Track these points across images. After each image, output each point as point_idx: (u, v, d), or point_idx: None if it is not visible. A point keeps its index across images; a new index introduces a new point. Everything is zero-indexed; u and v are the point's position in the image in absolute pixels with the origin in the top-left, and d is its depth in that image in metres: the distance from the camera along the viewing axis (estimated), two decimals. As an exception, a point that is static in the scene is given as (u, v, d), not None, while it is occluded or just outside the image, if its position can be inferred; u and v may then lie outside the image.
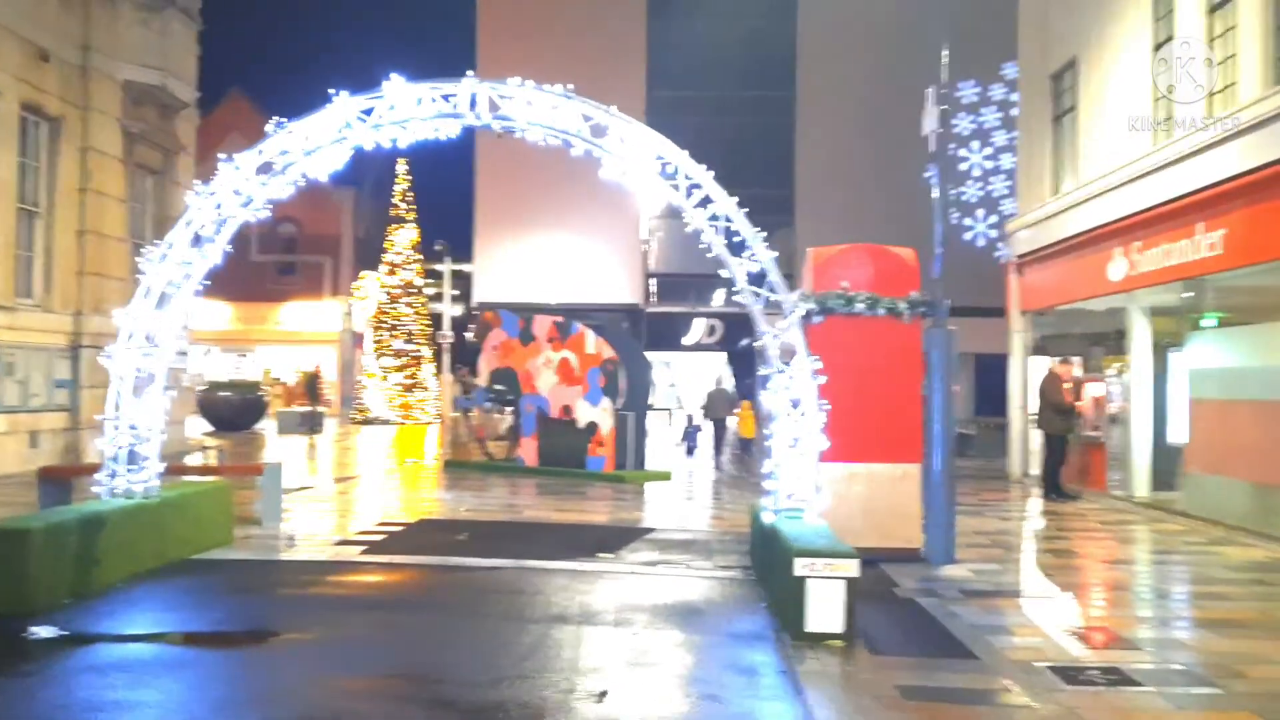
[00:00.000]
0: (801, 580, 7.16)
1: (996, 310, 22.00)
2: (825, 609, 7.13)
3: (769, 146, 43.61)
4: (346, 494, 15.34)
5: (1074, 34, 17.22)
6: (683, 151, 8.95)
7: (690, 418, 21.38)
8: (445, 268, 40.52)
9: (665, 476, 18.08)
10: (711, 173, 8.99)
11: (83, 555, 7.94)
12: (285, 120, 9.11)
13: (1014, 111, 27.13)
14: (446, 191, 46.23)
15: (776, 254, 8.98)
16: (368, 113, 9.03)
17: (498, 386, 19.48)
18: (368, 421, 34.89)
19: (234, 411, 31.40)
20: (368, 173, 45.87)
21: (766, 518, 8.83)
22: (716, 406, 22.68)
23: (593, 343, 18.04)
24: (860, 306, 10.47)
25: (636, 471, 17.92)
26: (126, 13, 19.11)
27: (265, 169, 9.15)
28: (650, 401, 18.97)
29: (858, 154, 39.79)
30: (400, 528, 11.71)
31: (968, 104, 29.98)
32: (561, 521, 12.68)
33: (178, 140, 21.39)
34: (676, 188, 8.94)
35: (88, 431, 18.42)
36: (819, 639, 7.05)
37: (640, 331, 36.94)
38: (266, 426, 31.88)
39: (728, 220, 8.94)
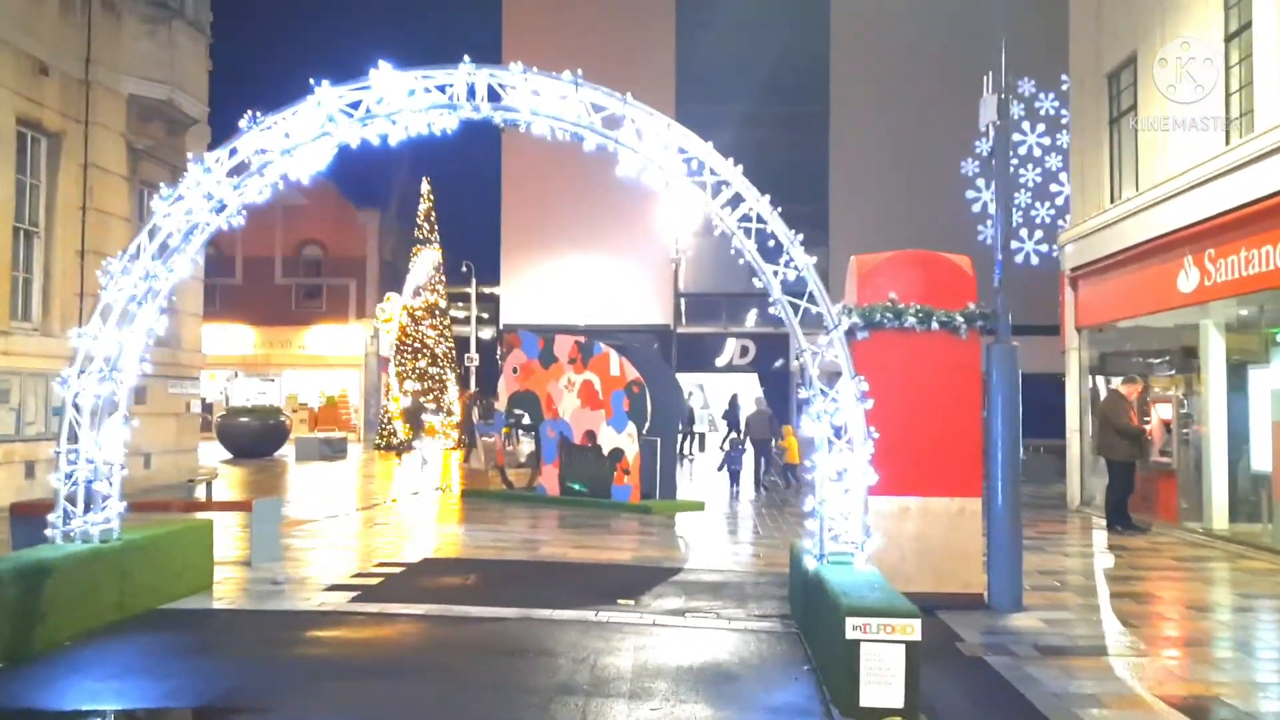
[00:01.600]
0: (854, 644, 5.99)
1: (1044, 328, 20.71)
2: (882, 679, 5.95)
3: (801, 162, 42.47)
4: (352, 528, 14.29)
5: (1133, 28, 15.99)
6: (708, 144, 7.85)
7: (732, 441, 20.08)
8: (471, 289, 39.76)
9: (697, 507, 16.90)
10: (740, 166, 7.87)
11: (21, 611, 6.91)
12: (260, 114, 8.09)
13: (1047, 117, 25.97)
14: (471, 212, 45.61)
15: (815, 259, 7.83)
16: (354, 106, 8.01)
17: (517, 411, 18.42)
18: (391, 447, 33.93)
19: (254, 438, 30.53)
20: (393, 194, 45.31)
21: (809, 563, 7.66)
22: (758, 428, 21.58)
23: (617, 364, 16.94)
24: (911, 320, 9.31)
25: (665, 501, 16.76)
26: (131, 24, 18.38)
27: (240, 170, 8.14)
28: (680, 426, 17.78)
29: (894, 168, 38.59)
30: (400, 569, 10.62)
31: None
32: (580, 560, 11.54)
33: (187, 158, 20.55)
34: (702, 186, 7.83)
35: (88, 461, 17.53)
36: (877, 716, 5.86)
37: (671, 352, 35.83)
38: (288, 453, 31.00)
39: (760, 222, 7.82)
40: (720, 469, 19.52)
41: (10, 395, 16.21)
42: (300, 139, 8.00)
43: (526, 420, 18.51)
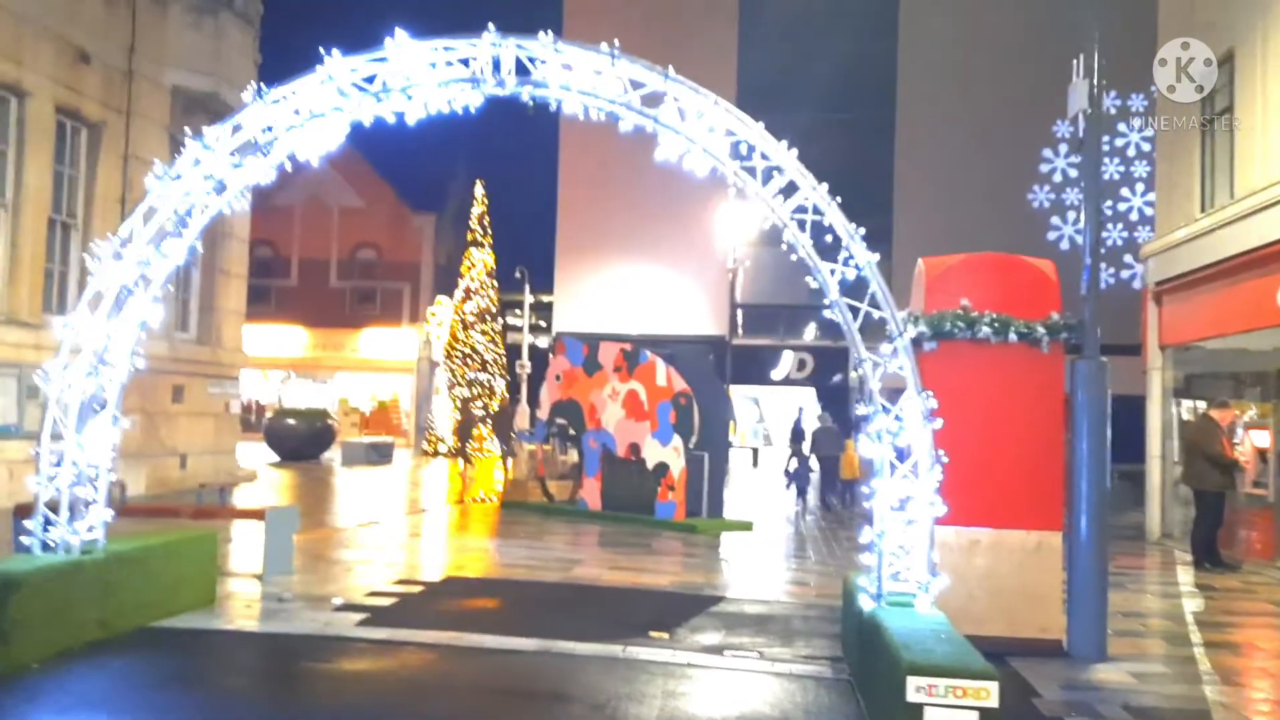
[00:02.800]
0: (917, 709, 5.04)
1: (1119, 347, 19.41)
2: (951, 752, 4.99)
3: (865, 173, 41.17)
4: (379, 539, 13.57)
5: (1229, 23, 14.77)
6: (758, 124, 6.96)
7: (795, 456, 19.21)
8: (525, 295, 39.18)
9: (745, 527, 15.93)
10: (795, 151, 6.97)
11: (-18, 629, 6.22)
12: (265, 87, 7.37)
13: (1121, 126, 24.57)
14: (526, 217, 44.92)
15: (878, 256, 6.89)
16: (369, 80, 7.26)
17: (560, 420, 17.62)
18: (438, 453, 33.42)
19: (300, 441, 30.15)
20: (449, 197, 44.94)
21: (864, 603, 6.70)
22: (825, 445, 20.71)
23: (663, 374, 16.06)
24: (986, 331, 8.32)
25: (712, 520, 15.82)
26: (175, 15, 17.99)
27: (245, 148, 7.43)
28: (730, 440, 16.85)
29: (962, 178, 37.24)
30: (419, 588, 9.84)
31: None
32: (613, 584, 10.66)
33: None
34: (752, 171, 6.94)
35: (122, 461, 17.07)
36: (941, 796, 4.91)
37: (725, 365, 34.87)
38: (335, 457, 30.58)
39: (816, 213, 6.90)
40: (788, 486, 18.65)
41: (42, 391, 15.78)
42: (308, 115, 7.26)
43: (572, 430, 17.72)
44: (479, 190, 35.65)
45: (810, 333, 43.58)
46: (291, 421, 30.99)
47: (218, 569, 9.08)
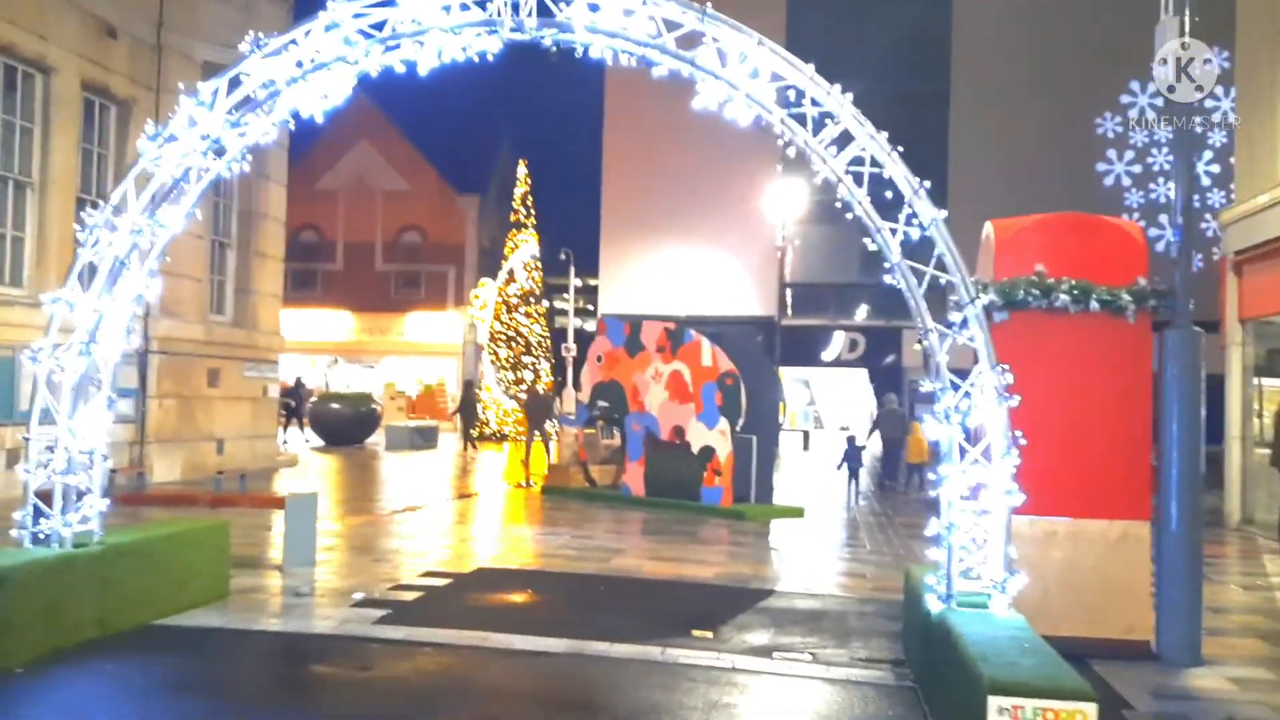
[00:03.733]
0: (999, 734, 4.29)
1: (1196, 324, 18.29)
2: (1040, 787, 4.24)
3: (920, 143, 39.75)
4: (412, 527, 13.02)
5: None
6: (809, 66, 6.19)
7: (852, 439, 18.99)
8: (570, 277, 38.59)
9: (796, 513, 15.16)
10: (850, 95, 6.19)
11: (-41, 630, 5.69)
12: (263, 38, 6.74)
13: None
14: (571, 198, 44.31)
15: (945, 213, 6.10)
16: (377, 27, 6.60)
17: (601, 403, 16.95)
18: (483, 437, 32.96)
19: (345, 425, 29.84)
20: (493, 179, 44.44)
21: (932, 603, 5.95)
22: (887, 426, 20.17)
23: (709, 354, 15.32)
24: (1064, 299, 7.48)
25: (760, 506, 15.09)
26: (205, -12, 17.51)
27: (244, 105, 6.81)
28: (780, 422, 16.08)
29: (1019, 147, 35.86)
30: (447, 580, 9.23)
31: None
32: (655, 576, 9.98)
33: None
34: (801, 120, 6.18)
35: (156, 445, 16.79)
36: (1029, 839, 4.17)
37: (774, 346, 34.00)
38: (379, 441, 30.25)
39: (874, 165, 6.12)
40: (839, 467, 18.31)
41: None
42: (312, 66, 6.61)
43: (615, 414, 17.05)
44: (522, 170, 35.03)
45: (862, 313, 42.48)
46: (336, 406, 30.68)
47: (231, 561, 8.56)
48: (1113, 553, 7.51)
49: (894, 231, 6.05)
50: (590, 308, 47.93)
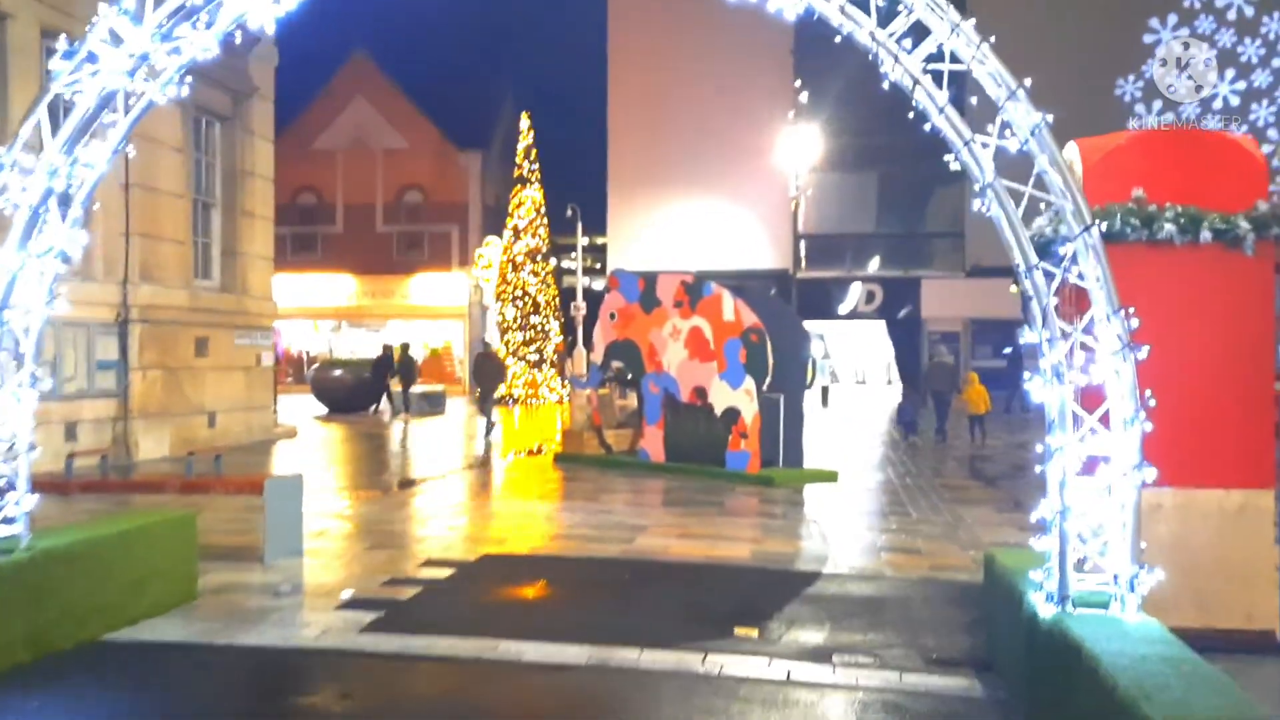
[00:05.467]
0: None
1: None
2: None
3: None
4: (412, 505, 11.95)
5: None
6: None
7: (906, 393, 18.66)
8: (578, 235, 37.27)
9: (829, 477, 14.04)
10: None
11: None
12: (197, -73, 5.50)
13: None
14: (576, 152, 42.87)
15: (1050, 115, 4.87)
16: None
17: (616, 364, 15.81)
18: (499, 402, 31.89)
19: (347, 392, 28.79)
20: (495, 134, 42.97)
21: (1040, 605, 4.80)
22: (938, 380, 19.83)
23: (730, 308, 14.12)
24: (1169, 229, 6.28)
25: (790, 471, 13.96)
26: (174, -75, 16.13)
27: (178, 15, 5.59)
28: (810, 381, 14.92)
29: (1041, 79, 34.32)
30: (450, 571, 8.13)
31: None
32: (684, 558, 8.87)
33: (249, 81, 18.44)
34: (864, 6, 4.94)
35: (140, 421, 15.70)
36: None
37: (790, 299, 32.77)
38: (385, 408, 29.19)
39: (954, 61, 4.90)
40: (896, 424, 18.78)
41: (45, 348, 14.34)
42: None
43: (630, 374, 15.91)
44: (525, 123, 33.58)
45: (878, 263, 41.14)
46: (338, 372, 29.62)
47: (205, 554, 7.48)
48: (1229, 527, 6.38)
49: (985, 145, 4.82)
50: (599, 266, 46.64)
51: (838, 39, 5.14)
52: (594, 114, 42.84)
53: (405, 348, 29.37)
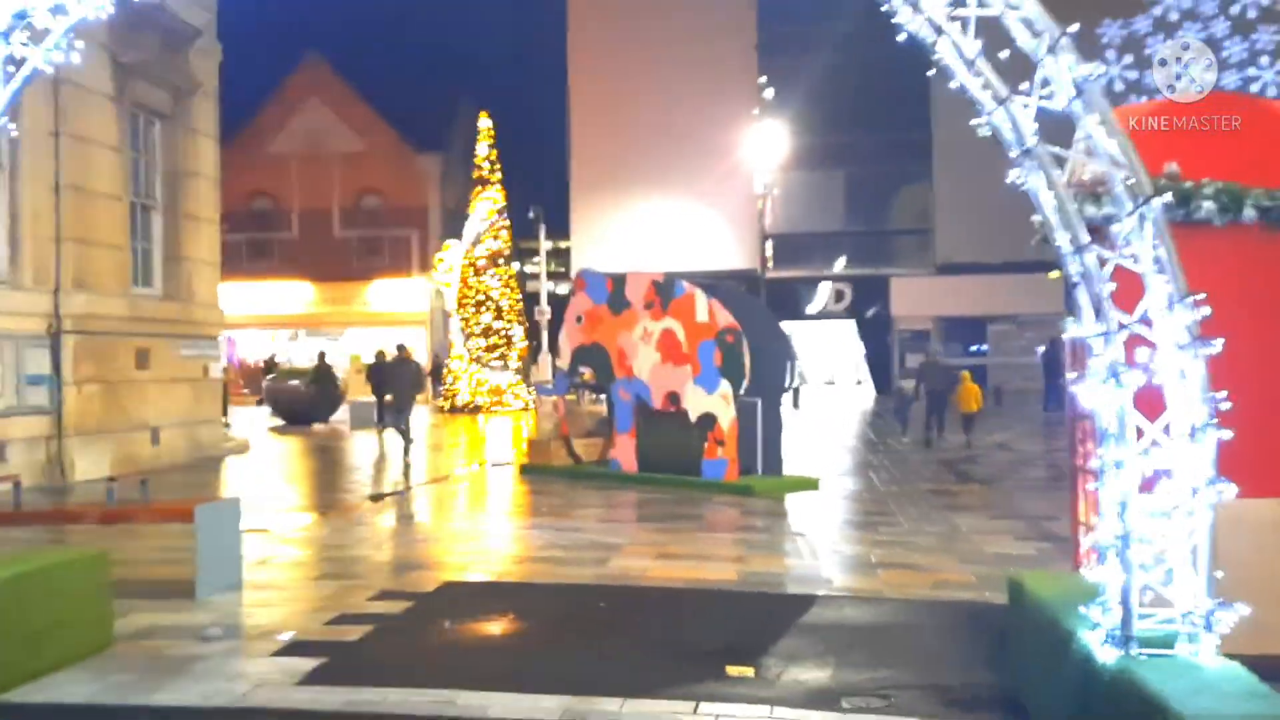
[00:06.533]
0: None
1: None
2: None
3: (901, 81, 37.85)
4: (368, 525, 11.09)
5: None
6: None
7: (900, 390, 18.47)
8: (540, 238, 36.34)
9: (810, 485, 13.32)
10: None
11: None
12: None
13: None
14: (537, 154, 41.94)
15: (1102, 68, 4.15)
16: None
17: (583, 369, 15.01)
18: (456, 409, 30.96)
19: (305, 403, 27.70)
20: (455, 136, 41.99)
21: (1097, 646, 4.05)
22: (933, 379, 19.63)
23: (704, 308, 13.36)
24: (1208, 207, 5.61)
25: (770, 479, 13.23)
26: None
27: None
28: (788, 384, 14.20)
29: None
30: (406, 604, 7.28)
31: None
32: (665, 582, 8.07)
33: (192, 77, 17.43)
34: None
35: (76, 439, 14.67)
36: None
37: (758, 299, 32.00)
38: (344, 418, 28.12)
39: (982, 5, 4.15)
40: (894, 418, 19.27)
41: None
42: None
43: (599, 380, 15.10)
44: (484, 123, 32.64)
45: (844, 262, 40.66)
46: (294, 382, 28.52)
47: (131, 591, 6.59)
48: (1281, 542, 5.69)
49: (1025, 106, 4.07)
50: (563, 270, 45.77)
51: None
52: (554, 113, 42.04)
53: (322, 356, 28.79)
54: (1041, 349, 32.86)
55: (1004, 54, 4.22)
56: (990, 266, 37.20)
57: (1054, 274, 4.35)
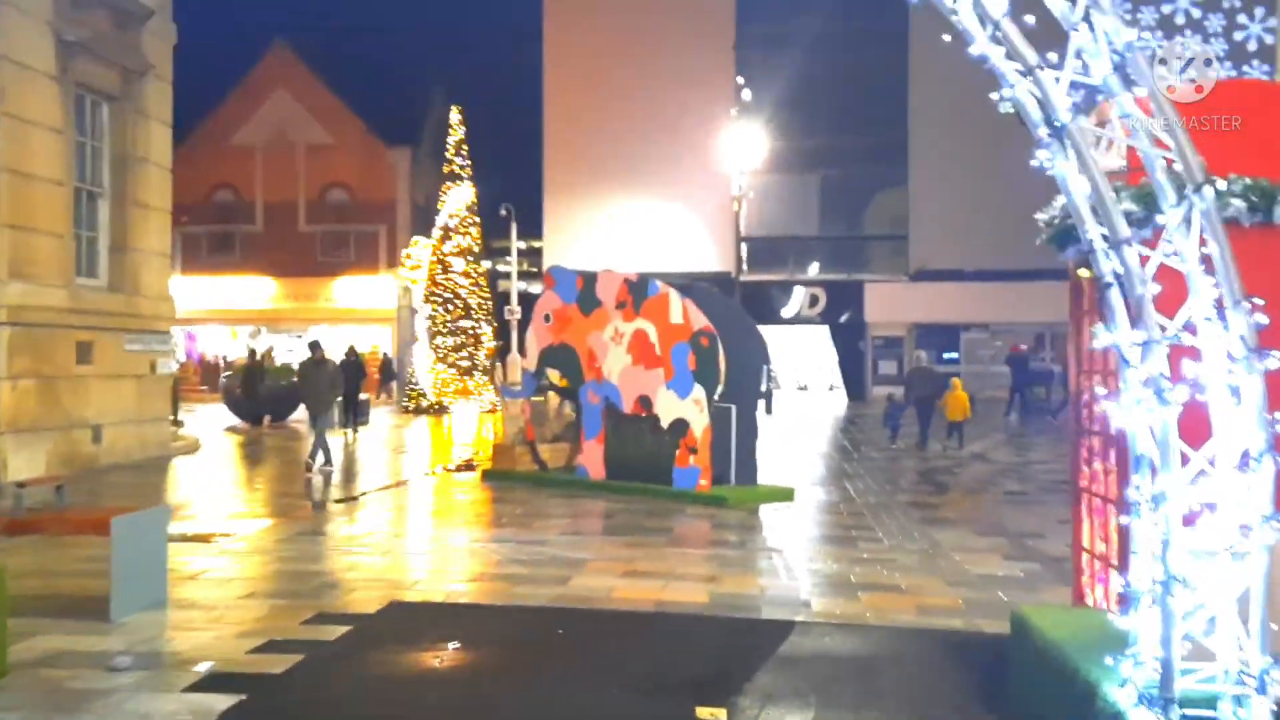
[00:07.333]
0: None
1: None
2: None
3: (879, 85, 37.57)
4: (316, 535, 10.39)
5: None
6: None
7: (891, 397, 19.57)
8: (512, 236, 35.61)
9: (785, 496, 12.74)
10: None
11: None
12: None
13: None
14: (510, 150, 41.13)
15: (1134, 33, 3.57)
16: None
17: (551, 370, 14.36)
18: (420, 410, 30.18)
19: (265, 401, 26.83)
20: (425, 129, 41.15)
21: (1132, 709, 3.47)
22: (920, 385, 19.41)
23: (678, 309, 12.76)
24: (1236, 205, 5.02)
25: (744, 489, 12.63)
26: None
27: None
28: (764, 389, 13.63)
29: (984, 86, 33.50)
30: (344, 629, 6.61)
31: None
32: (630, 604, 7.45)
33: (143, 58, 16.61)
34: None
35: (10, 437, 13.84)
36: None
37: (733, 302, 31.46)
38: (303, 417, 27.26)
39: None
40: (883, 426, 19.19)
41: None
42: None
43: (567, 383, 14.46)
44: (455, 117, 31.87)
45: (818, 267, 40.21)
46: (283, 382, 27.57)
47: (35, 611, 5.88)
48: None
49: (1058, 79, 3.49)
50: (535, 270, 45.02)
51: None
52: (529, 110, 41.25)
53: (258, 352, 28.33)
54: (990, 353, 32.56)
55: (1030, 18, 3.64)
56: (964, 274, 36.95)
57: (1083, 271, 3.77)
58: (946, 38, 3.82)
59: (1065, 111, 3.46)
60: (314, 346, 16.11)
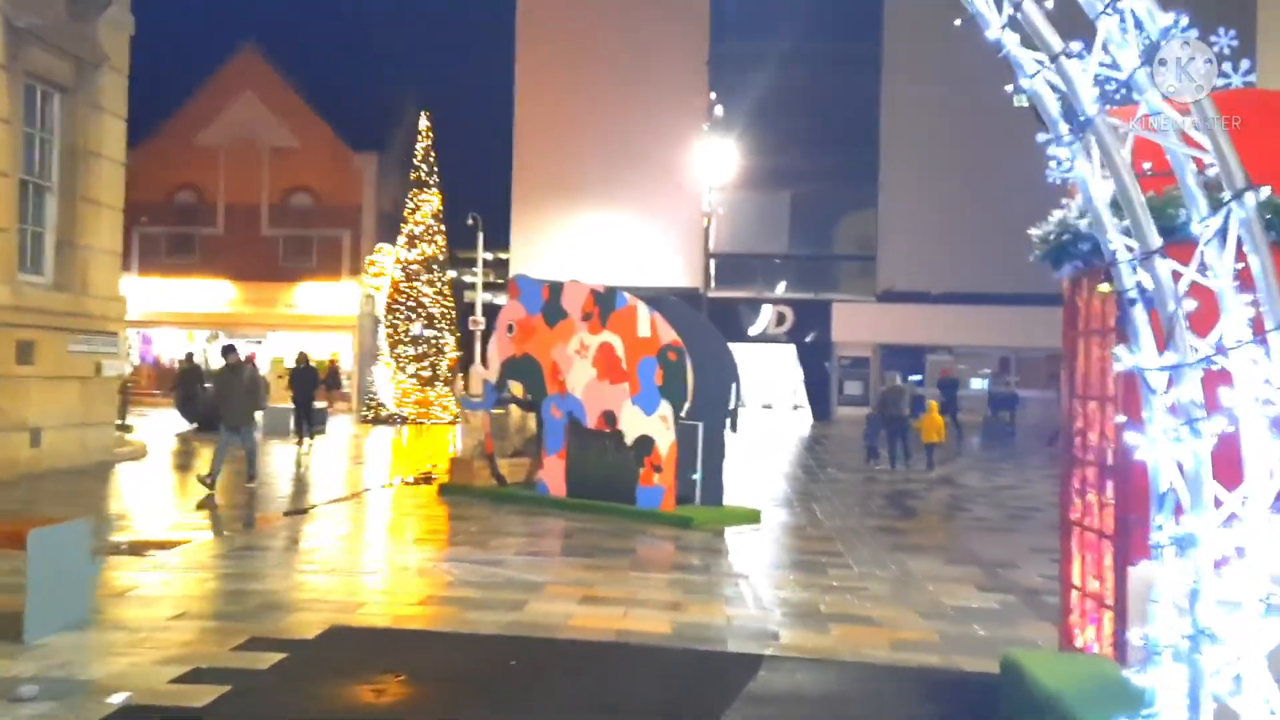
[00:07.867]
0: None
1: None
2: None
3: (849, 105, 37.55)
4: (258, 551, 9.83)
5: None
6: None
7: (869, 417, 19.66)
8: (479, 246, 35.06)
9: (751, 518, 12.35)
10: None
11: None
12: None
13: None
14: (479, 160, 40.61)
15: (1185, 19, 3.21)
16: None
17: (513, 383, 13.89)
18: (379, 420, 29.53)
19: (216, 409, 26.02)
20: (393, 135, 40.54)
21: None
22: (891, 404, 19.34)
23: (646, 322, 12.36)
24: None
25: (710, 510, 12.24)
26: None
27: None
28: (733, 406, 13.23)
29: (955, 110, 33.58)
30: (277, 656, 6.10)
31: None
32: (588, 634, 6.99)
33: (98, 49, 15.99)
34: None
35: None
36: None
37: (701, 319, 31.08)
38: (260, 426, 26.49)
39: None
40: (864, 444, 19.44)
41: None
42: None
43: (529, 396, 13.99)
44: (424, 123, 31.35)
45: (785, 286, 40.03)
46: (208, 385, 26.83)
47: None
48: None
49: (1084, 70, 3.12)
50: (501, 281, 44.46)
51: None
52: (499, 120, 40.80)
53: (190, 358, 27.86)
54: (913, 378, 32.34)
55: (1049, 1, 3.27)
56: (930, 296, 36.94)
57: (1104, 287, 3.41)
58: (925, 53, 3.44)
59: (1092, 104, 3.09)
60: (226, 351, 14.90)
